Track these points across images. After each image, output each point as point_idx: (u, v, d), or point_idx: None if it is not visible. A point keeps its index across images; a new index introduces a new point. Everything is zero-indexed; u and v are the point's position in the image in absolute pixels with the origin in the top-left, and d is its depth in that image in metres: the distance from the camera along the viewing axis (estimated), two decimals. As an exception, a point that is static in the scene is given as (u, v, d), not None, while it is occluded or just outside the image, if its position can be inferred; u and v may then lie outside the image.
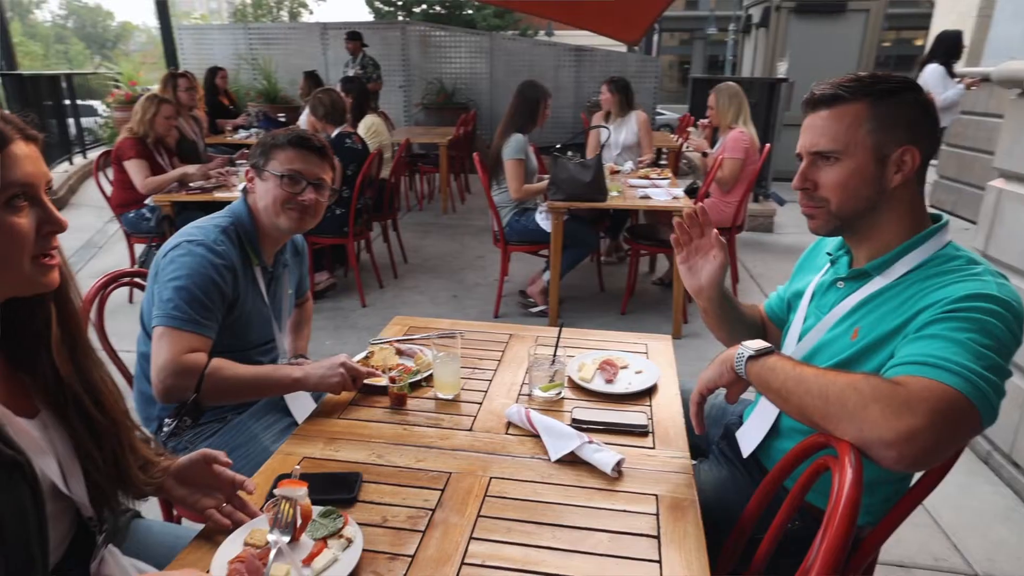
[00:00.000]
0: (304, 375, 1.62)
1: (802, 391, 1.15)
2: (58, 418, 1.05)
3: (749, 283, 4.98)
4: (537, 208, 4.08)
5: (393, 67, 9.41)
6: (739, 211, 4.49)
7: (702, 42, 27.46)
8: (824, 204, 1.33)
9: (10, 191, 0.88)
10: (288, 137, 1.76)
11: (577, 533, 1.17)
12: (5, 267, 0.90)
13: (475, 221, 6.61)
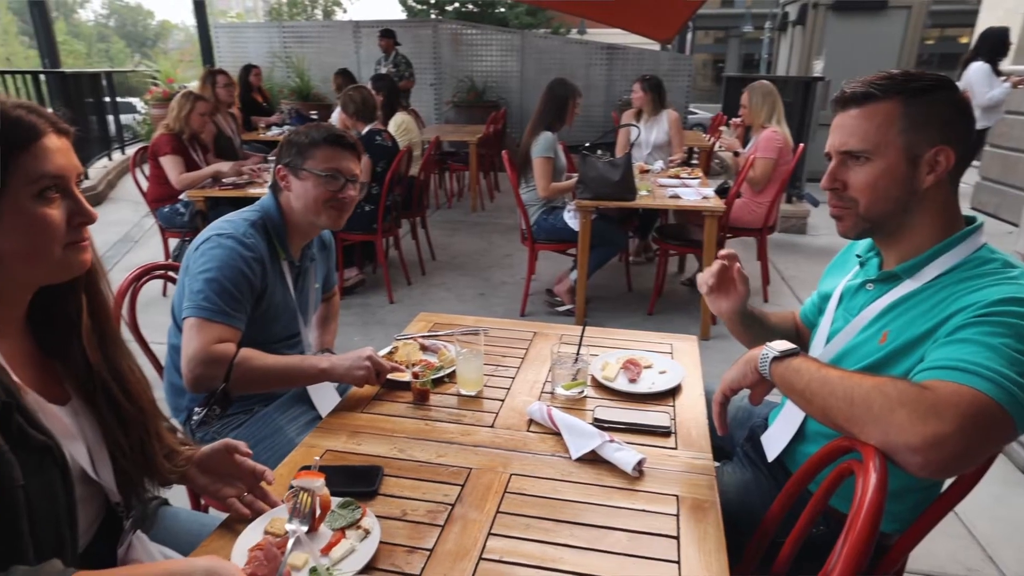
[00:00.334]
0: (330, 366, 1.64)
1: (826, 393, 1.13)
2: (88, 405, 1.09)
3: (780, 285, 4.91)
4: (565, 207, 4.07)
5: (424, 65, 9.47)
6: (771, 212, 4.42)
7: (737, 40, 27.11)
8: (853, 205, 1.30)
9: (42, 183, 0.91)
10: (323, 135, 1.77)
11: (596, 531, 1.16)
12: (37, 256, 0.93)
13: (504, 219, 6.62)
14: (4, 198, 0.87)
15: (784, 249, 5.81)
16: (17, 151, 0.88)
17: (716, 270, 1.56)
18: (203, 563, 0.93)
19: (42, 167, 0.90)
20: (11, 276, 0.94)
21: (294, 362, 1.68)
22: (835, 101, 1.33)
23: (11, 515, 0.90)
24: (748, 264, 5.12)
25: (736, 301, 1.56)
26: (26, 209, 0.89)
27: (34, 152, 0.90)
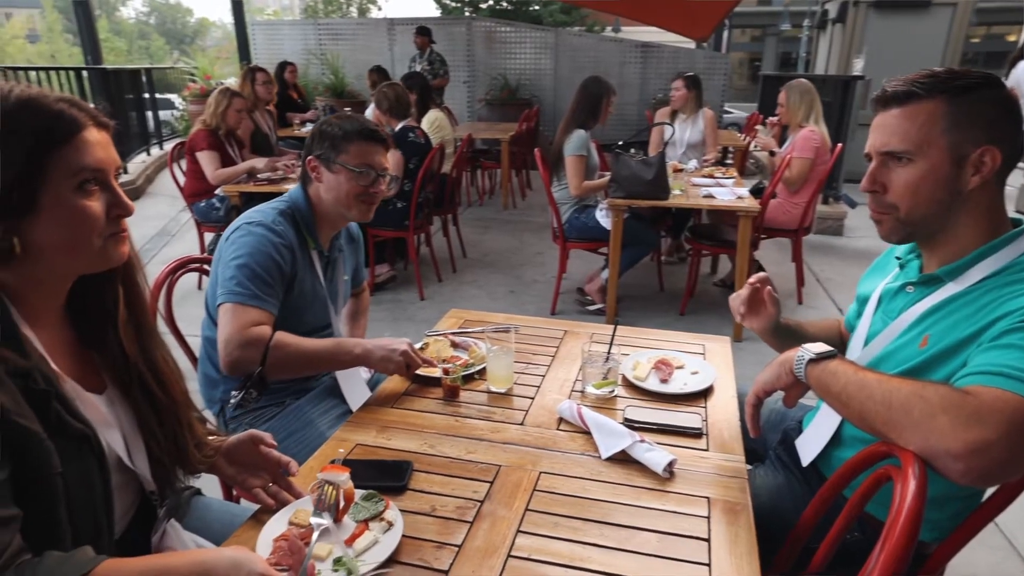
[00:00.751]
0: (365, 352, 1.64)
1: (864, 396, 1.11)
2: (123, 394, 1.11)
3: (815, 288, 4.82)
4: (597, 205, 4.05)
5: (458, 62, 9.49)
6: (806, 213, 4.35)
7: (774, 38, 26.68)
8: (892, 211, 1.27)
9: (82, 175, 0.93)
10: (356, 129, 1.78)
11: (625, 532, 1.16)
12: (77, 248, 0.95)
13: (535, 217, 6.61)
14: (45, 190, 0.90)
15: (820, 251, 5.71)
16: (59, 144, 0.90)
17: (746, 296, 1.58)
18: (229, 554, 0.95)
19: (82, 160, 0.92)
20: (51, 267, 0.96)
21: (329, 346, 1.70)
22: (876, 100, 1.29)
23: (49, 502, 0.92)
24: (783, 265, 5.05)
25: (766, 320, 1.58)
26: (67, 201, 0.91)
27: (75, 145, 0.92)
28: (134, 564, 0.92)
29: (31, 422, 0.90)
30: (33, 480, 0.90)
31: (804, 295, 4.56)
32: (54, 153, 0.90)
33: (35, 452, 0.90)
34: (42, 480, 0.91)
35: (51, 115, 0.90)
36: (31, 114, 0.89)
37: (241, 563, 0.93)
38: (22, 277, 0.94)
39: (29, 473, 0.89)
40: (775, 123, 4.74)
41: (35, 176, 0.88)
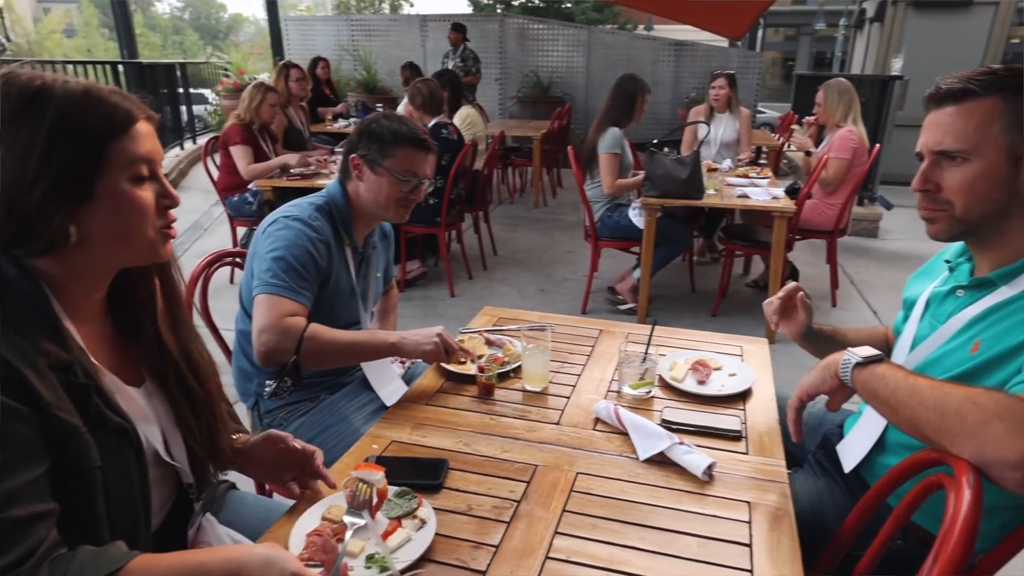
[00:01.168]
0: (400, 340, 1.65)
1: (915, 403, 1.08)
2: (160, 387, 1.12)
3: (849, 290, 4.73)
4: (630, 204, 4.02)
5: (490, 59, 9.49)
6: (842, 214, 4.27)
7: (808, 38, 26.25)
8: (947, 208, 1.24)
9: (136, 166, 0.94)
10: (406, 135, 1.76)
11: (664, 535, 1.14)
12: (129, 239, 0.96)
13: (566, 216, 6.58)
14: (101, 180, 0.91)
15: (854, 253, 5.60)
16: (116, 135, 0.91)
17: (778, 306, 1.58)
18: (261, 551, 0.95)
19: (137, 151, 0.93)
20: (99, 258, 0.96)
21: (364, 336, 1.71)
22: (929, 97, 1.26)
23: (88, 496, 0.93)
24: (816, 267, 4.96)
25: (798, 326, 1.58)
26: (121, 191, 0.92)
27: (130, 136, 0.93)
28: (167, 560, 0.93)
29: (71, 416, 0.91)
30: (72, 474, 0.91)
31: (838, 297, 4.47)
32: (111, 144, 0.91)
33: (75, 446, 0.91)
34: (81, 474, 0.92)
35: (108, 106, 0.91)
36: (89, 105, 0.90)
37: (274, 561, 0.93)
38: (68, 268, 0.94)
39: (69, 467, 0.90)
40: (811, 122, 4.65)
41: (93, 166, 0.89)
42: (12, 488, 0.84)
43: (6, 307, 0.88)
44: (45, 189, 0.86)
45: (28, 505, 0.85)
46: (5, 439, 0.84)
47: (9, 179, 0.85)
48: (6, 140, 0.85)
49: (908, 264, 5.39)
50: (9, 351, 0.85)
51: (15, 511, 0.83)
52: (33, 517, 0.85)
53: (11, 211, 0.86)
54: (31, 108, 0.86)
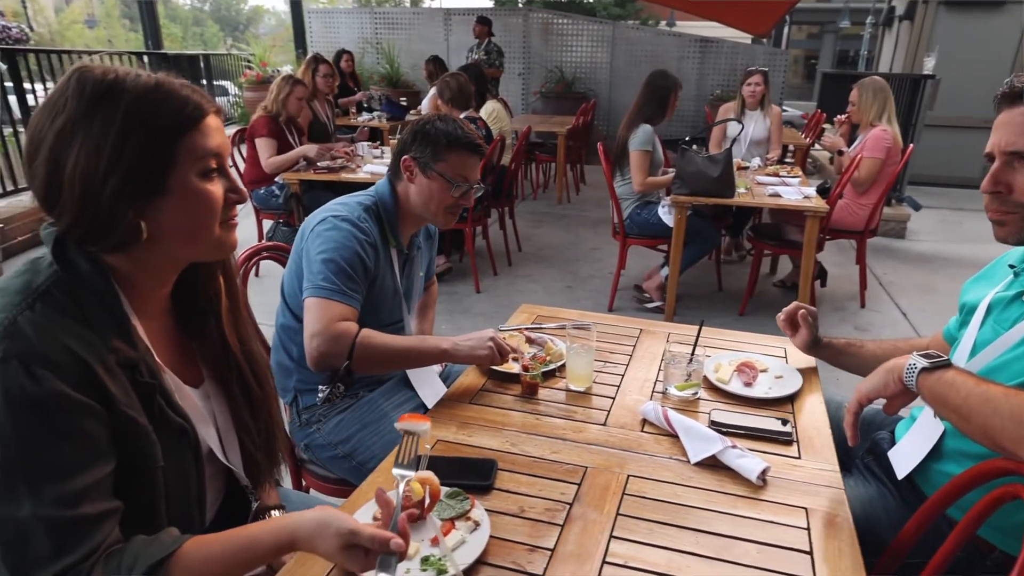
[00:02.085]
0: (452, 347, 1.63)
1: (989, 411, 1.05)
2: (220, 387, 1.11)
3: (878, 291, 4.67)
4: (660, 202, 3.98)
5: (514, 54, 9.44)
6: (873, 214, 4.21)
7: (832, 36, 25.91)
8: (1019, 210, 1.21)
9: (207, 160, 0.93)
10: (461, 140, 1.74)
11: (722, 541, 1.12)
12: (198, 233, 0.95)
13: (590, 213, 6.55)
14: (173, 174, 0.90)
15: (881, 253, 5.52)
16: (188, 128, 0.90)
17: (783, 319, 1.72)
18: (313, 515, 0.94)
19: (208, 144, 0.92)
20: (167, 253, 0.96)
21: (415, 343, 1.69)
22: (1002, 97, 1.23)
23: (150, 495, 0.93)
24: (844, 267, 4.91)
25: (802, 340, 1.69)
26: (193, 186, 0.92)
27: (202, 130, 0.92)
28: (217, 538, 0.93)
29: (139, 414, 0.91)
30: (136, 472, 0.91)
31: (867, 298, 4.41)
32: (183, 137, 0.90)
33: (140, 445, 0.91)
34: (145, 473, 0.92)
35: (179, 99, 0.90)
36: (163, 98, 0.89)
37: (328, 522, 0.93)
38: (136, 264, 0.94)
39: (133, 465, 0.90)
40: (843, 121, 4.59)
41: (165, 160, 0.89)
42: (83, 486, 0.84)
43: (79, 302, 0.88)
44: (117, 184, 0.85)
45: (97, 503, 0.85)
46: (78, 436, 0.84)
47: (83, 174, 0.85)
48: (80, 135, 0.85)
49: (935, 266, 5.32)
50: (82, 347, 0.85)
51: (85, 509, 0.83)
52: (101, 515, 0.85)
53: (85, 206, 0.86)
54: (104, 102, 0.86)
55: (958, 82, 7.14)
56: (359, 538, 0.91)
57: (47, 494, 0.81)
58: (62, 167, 0.85)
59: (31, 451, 0.81)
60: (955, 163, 7.66)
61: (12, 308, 0.83)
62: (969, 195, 7.64)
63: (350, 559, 0.92)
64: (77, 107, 0.85)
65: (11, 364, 0.80)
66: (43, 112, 0.87)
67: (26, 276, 0.88)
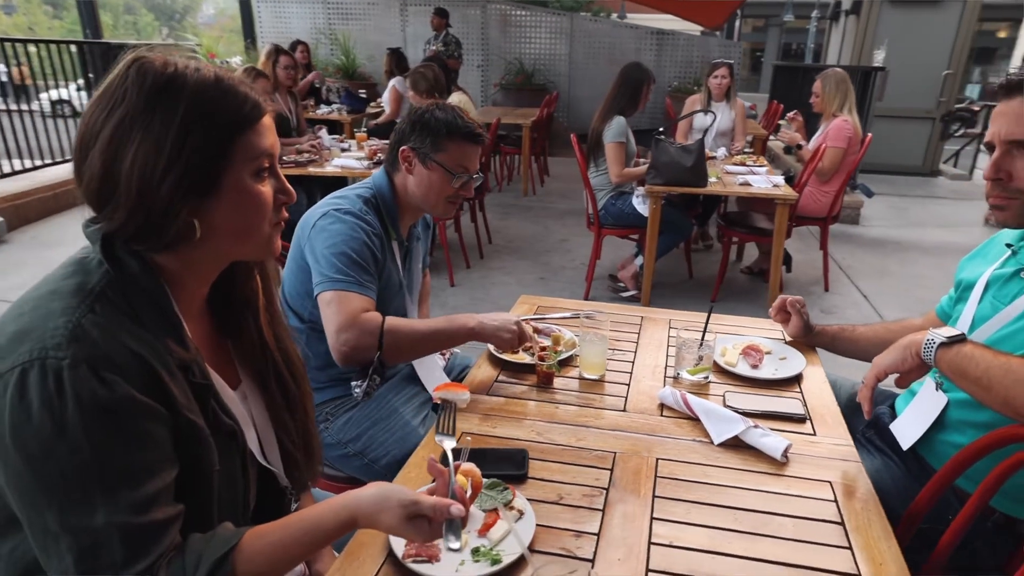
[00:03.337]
0: (479, 325, 1.63)
1: (1010, 381, 1.12)
2: (258, 387, 1.09)
3: (838, 274, 4.84)
4: (634, 192, 4.04)
5: (472, 46, 9.40)
6: (835, 202, 4.37)
7: (777, 29, 26.57)
8: (1019, 196, 1.28)
9: (261, 160, 0.90)
10: (462, 129, 1.71)
11: (758, 516, 1.16)
12: (249, 233, 0.93)
13: (556, 204, 6.59)
14: (228, 173, 0.87)
15: (839, 239, 5.72)
16: (246, 127, 0.88)
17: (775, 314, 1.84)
18: (371, 490, 0.95)
19: (262, 144, 0.90)
20: (216, 253, 0.94)
21: (441, 324, 1.67)
22: (1002, 87, 1.29)
23: (206, 498, 0.91)
24: (807, 253, 5.07)
25: (795, 328, 1.79)
26: (246, 186, 0.89)
27: (258, 129, 0.90)
28: (277, 526, 0.93)
29: (198, 417, 0.89)
30: (195, 476, 0.89)
31: (830, 282, 4.58)
32: (241, 136, 0.87)
33: (199, 448, 0.89)
34: (202, 476, 0.90)
35: (239, 97, 0.88)
36: (222, 94, 0.87)
37: (388, 495, 0.93)
38: (184, 263, 0.91)
39: (192, 469, 0.89)
40: (793, 117, 4.73)
41: (221, 159, 0.86)
42: (154, 491, 0.82)
43: (132, 304, 0.85)
44: (175, 181, 0.83)
45: (166, 508, 0.84)
46: (148, 440, 0.82)
47: (141, 170, 0.82)
48: (139, 129, 0.82)
49: (887, 250, 5.54)
50: (144, 349, 0.83)
51: (156, 515, 0.82)
52: (169, 520, 0.84)
53: (141, 204, 0.83)
54: (165, 96, 0.83)
55: (902, 74, 7.45)
56: (421, 507, 0.92)
57: (121, 501, 0.79)
58: (120, 162, 0.82)
59: (105, 458, 0.79)
60: (900, 152, 7.99)
61: (73, 311, 0.80)
62: (913, 182, 7.99)
63: (415, 529, 0.93)
64: (137, 99, 0.82)
65: (81, 369, 0.77)
66: (99, 103, 0.84)
67: (77, 277, 0.85)
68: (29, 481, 0.78)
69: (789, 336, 1.83)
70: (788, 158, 5.81)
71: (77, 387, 0.76)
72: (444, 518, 0.94)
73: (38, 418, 0.76)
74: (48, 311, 0.81)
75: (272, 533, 0.92)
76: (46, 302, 0.82)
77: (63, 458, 0.77)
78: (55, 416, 0.76)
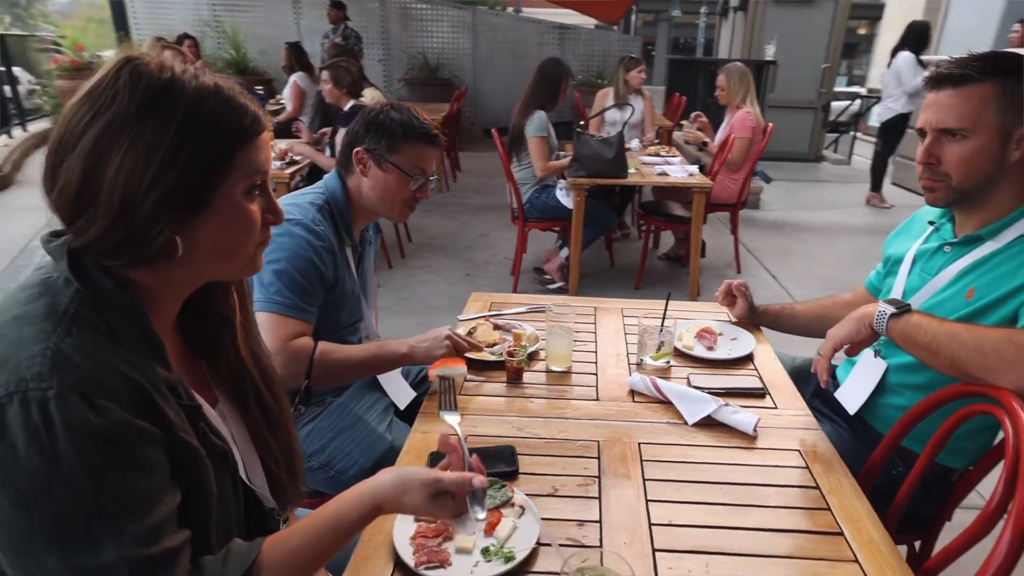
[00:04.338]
0: (410, 350, 1.62)
1: (955, 345, 1.23)
2: (236, 407, 1.04)
3: (747, 257, 5.13)
4: (557, 185, 4.11)
5: (372, 40, 9.19)
6: (743, 189, 4.62)
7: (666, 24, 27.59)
8: (946, 179, 1.41)
9: (255, 177, 0.86)
10: (418, 130, 1.67)
11: (743, 489, 1.23)
12: (234, 252, 0.88)
13: (471, 199, 6.59)
14: (219, 190, 0.82)
15: (744, 223, 6.00)
16: (245, 142, 0.83)
17: (720, 299, 1.96)
18: (388, 476, 0.94)
19: (259, 160, 0.85)
20: (193, 272, 0.88)
21: (373, 350, 1.65)
22: (931, 80, 1.42)
23: (205, 524, 0.87)
24: (718, 239, 5.33)
25: (741, 310, 1.92)
26: (237, 203, 0.84)
27: (257, 144, 0.85)
28: (296, 529, 0.91)
29: (192, 439, 0.84)
30: (194, 500, 0.85)
31: (741, 265, 4.85)
32: (239, 151, 0.82)
33: (197, 471, 0.85)
34: (201, 500, 0.86)
35: (239, 109, 0.82)
36: (222, 105, 0.81)
37: (409, 477, 0.94)
38: (160, 280, 0.85)
39: (192, 492, 0.84)
40: (697, 117, 4.94)
41: (217, 173, 0.81)
42: (161, 519, 0.78)
43: (110, 323, 0.79)
44: (162, 196, 0.77)
45: (175, 535, 0.80)
46: (149, 466, 0.78)
47: (126, 182, 0.75)
48: (128, 137, 0.76)
49: (786, 231, 5.92)
50: (132, 371, 0.77)
51: (166, 543, 0.78)
52: (179, 547, 0.80)
53: (121, 218, 0.76)
54: (161, 104, 0.77)
55: (788, 67, 8.02)
56: (444, 484, 0.94)
57: (129, 533, 0.74)
58: (103, 170, 0.75)
59: (108, 490, 0.73)
60: (789, 140, 8.54)
61: (48, 335, 0.73)
62: (801, 167, 8.55)
63: (440, 507, 0.94)
64: (128, 103, 0.76)
65: (70, 398, 0.71)
66: (83, 104, 0.77)
67: (44, 299, 0.77)
68: (21, 526, 0.71)
69: (735, 318, 1.93)
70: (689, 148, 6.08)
71: (68, 418, 0.70)
72: (468, 491, 0.95)
73: (26, 456, 0.69)
74: (18, 339, 0.74)
75: (293, 537, 0.90)
76: (13, 329, 0.75)
77: (60, 496, 0.71)
78: (45, 452, 0.70)
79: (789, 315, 1.91)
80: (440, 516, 0.97)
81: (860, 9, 21.61)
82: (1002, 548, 1.02)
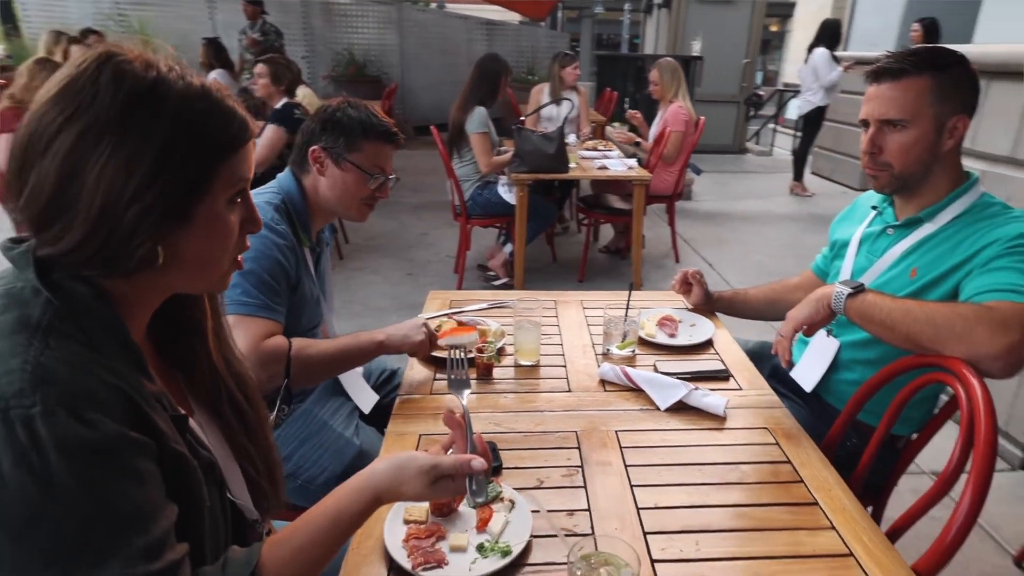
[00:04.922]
0: (387, 338, 1.59)
1: (910, 320, 1.31)
2: (212, 416, 1.00)
3: (684, 246, 5.28)
4: (499, 181, 4.12)
5: (294, 36, 8.90)
6: (679, 180, 4.75)
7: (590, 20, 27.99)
8: (888, 167, 1.50)
9: (238, 187, 0.82)
10: (376, 128, 1.65)
11: (721, 468, 1.28)
12: (210, 264, 0.85)
13: (407, 198, 6.51)
14: (203, 199, 0.78)
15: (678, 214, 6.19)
16: (232, 150, 0.80)
17: (677, 287, 2.01)
18: (383, 464, 0.93)
19: (244, 169, 0.82)
20: (168, 283, 0.84)
21: (349, 341, 1.61)
22: (871, 74, 1.50)
23: (198, 537, 0.83)
24: (655, 230, 5.46)
25: (697, 298, 1.97)
26: (218, 214, 0.81)
27: (243, 153, 0.81)
28: (295, 529, 0.90)
29: (183, 448, 0.81)
30: (188, 513, 0.81)
31: (679, 254, 4.99)
32: (227, 159, 0.79)
33: (190, 483, 0.82)
34: (195, 513, 0.83)
35: (227, 114, 0.79)
36: (210, 109, 0.77)
37: (405, 465, 0.92)
38: (135, 290, 0.81)
39: (187, 505, 0.81)
40: (633, 115, 5.04)
41: (202, 184, 0.77)
42: (162, 532, 0.75)
43: (87, 334, 0.75)
44: (147, 205, 0.73)
45: (176, 547, 0.77)
46: (146, 479, 0.74)
47: (107, 189, 0.71)
48: (109, 141, 0.71)
49: (719, 221, 6.12)
50: (119, 381, 0.74)
51: (169, 556, 0.75)
52: (182, 560, 0.77)
53: (101, 227, 0.72)
54: (146, 106, 0.73)
55: (711, 63, 8.33)
56: (442, 468, 0.93)
57: (134, 549, 0.70)
58: (80, 176, 0.71)
59: (108, 506, 0.69)
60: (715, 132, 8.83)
61: (25, 349, 0.69)
62: (727, 159, 8.87)
63: (441, 491, 0.93)
64: (111, 104, 0.71)
65: (58, 415, 0.67)
66: (56, 102, 0.72)
67: (13, 311, 0.72)
68: (15, 554, 0.67)
69: (691, 305, 1.99)
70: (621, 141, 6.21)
71: (57, 434, 0.66)
72: (467, 473, 0.94)
73: (14, 479, 0.65)
74: None
75: (293, 537, 0.88)
76: None
77: (58, 517, 0.67)
78: (35, 472, 0.66)
79: (743, 300, 1.98)
80: (441, 500, 0.97)
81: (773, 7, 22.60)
82: (965, 504, 1.09)
